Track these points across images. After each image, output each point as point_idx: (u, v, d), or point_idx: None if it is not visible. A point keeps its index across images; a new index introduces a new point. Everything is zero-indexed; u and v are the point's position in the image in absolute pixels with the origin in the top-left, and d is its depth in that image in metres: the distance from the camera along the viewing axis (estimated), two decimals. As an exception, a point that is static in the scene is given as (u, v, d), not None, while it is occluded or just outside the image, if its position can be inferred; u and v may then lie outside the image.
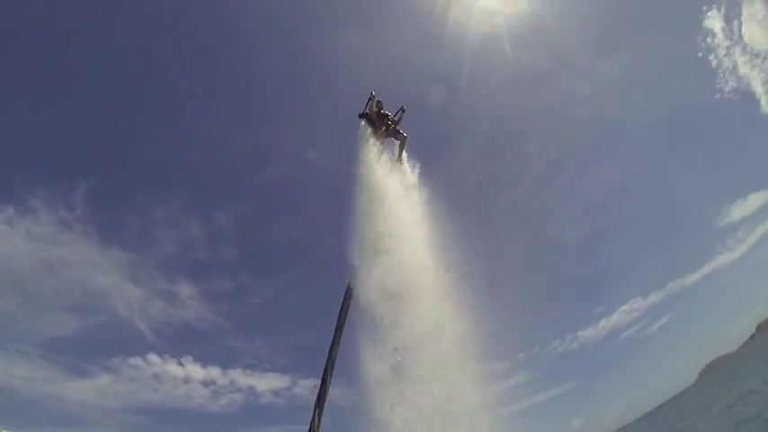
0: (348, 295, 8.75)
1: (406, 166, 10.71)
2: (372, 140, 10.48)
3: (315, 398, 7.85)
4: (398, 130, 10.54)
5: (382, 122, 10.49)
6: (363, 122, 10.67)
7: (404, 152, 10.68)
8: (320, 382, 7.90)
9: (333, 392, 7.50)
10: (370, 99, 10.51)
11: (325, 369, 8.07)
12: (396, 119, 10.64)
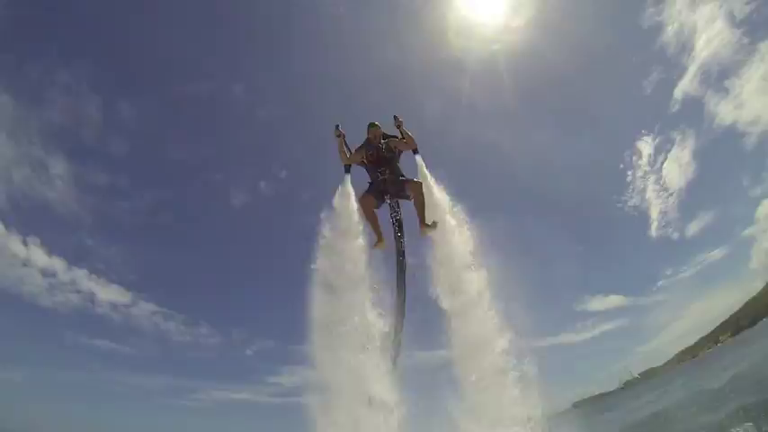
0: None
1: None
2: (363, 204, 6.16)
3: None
4: (406, 180, 6.22)
5: (387, 162, 6.21)
6: (349, 175, 6.52)
7: (427, 207, 6.07)
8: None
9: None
10: (338, 135, 6.28)
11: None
12: (404, 137, 6.33)
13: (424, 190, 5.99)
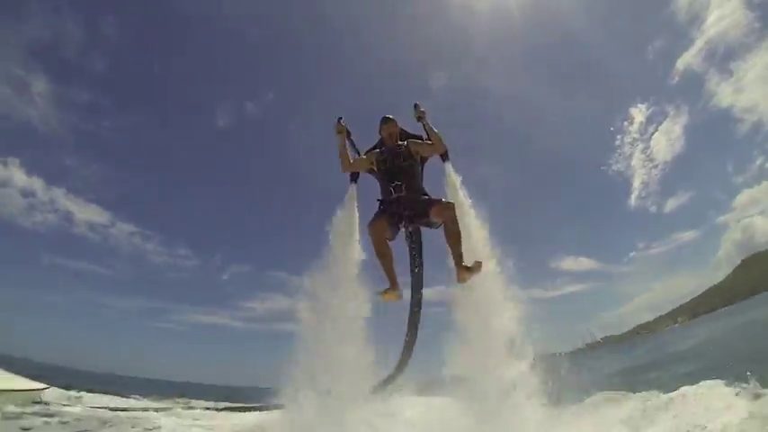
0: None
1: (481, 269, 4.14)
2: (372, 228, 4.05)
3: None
4: (431, 200, 4.21)
5: (405, 172, 4.26)
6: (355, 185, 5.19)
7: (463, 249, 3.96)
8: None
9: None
10: (340, 131, 4.48)
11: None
12: (430, 136, 4.38)
13: (457, 215, 4.10)
